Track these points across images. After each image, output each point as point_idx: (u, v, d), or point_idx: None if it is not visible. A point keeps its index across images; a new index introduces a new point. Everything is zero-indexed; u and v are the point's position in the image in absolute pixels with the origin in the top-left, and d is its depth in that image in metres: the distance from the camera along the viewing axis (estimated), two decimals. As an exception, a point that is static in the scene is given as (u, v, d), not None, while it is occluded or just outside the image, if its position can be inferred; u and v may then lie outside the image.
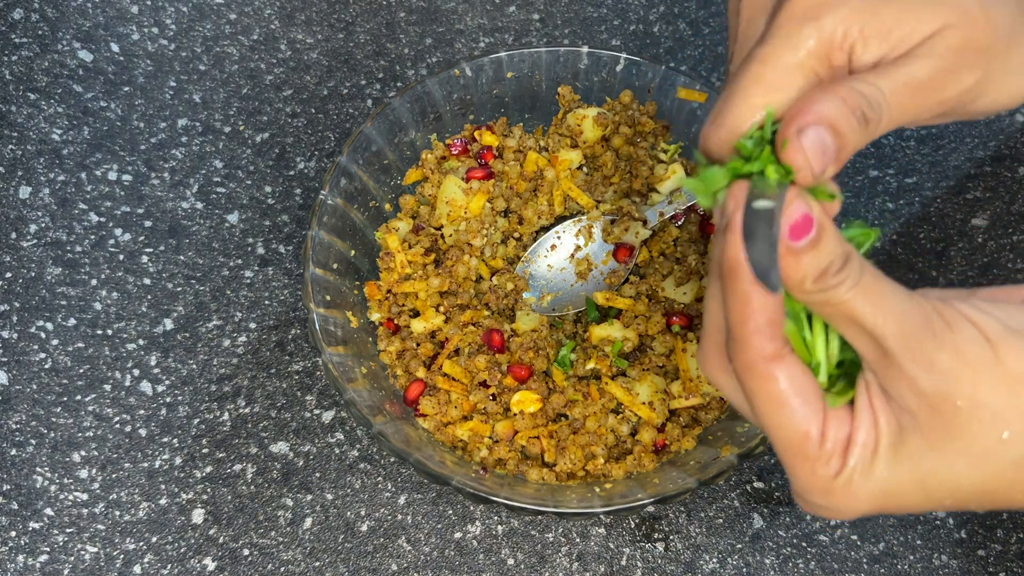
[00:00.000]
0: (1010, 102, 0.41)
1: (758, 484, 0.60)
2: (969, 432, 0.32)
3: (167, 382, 0.63)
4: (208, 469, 0.60)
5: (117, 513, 0.59)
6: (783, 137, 0.34)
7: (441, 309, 0.62)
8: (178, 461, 0.61)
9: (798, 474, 0.35)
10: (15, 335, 0.65)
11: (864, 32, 0.37)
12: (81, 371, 0.63)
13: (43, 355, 0.64)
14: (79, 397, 0.63)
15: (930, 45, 0.38)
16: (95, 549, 0.57)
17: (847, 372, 0.36)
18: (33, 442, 0.61)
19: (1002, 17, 0.39)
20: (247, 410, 0.63)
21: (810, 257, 0.33)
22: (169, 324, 0.66)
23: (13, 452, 0.60)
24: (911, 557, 0.58)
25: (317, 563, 0.57)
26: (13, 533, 0.58)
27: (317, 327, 0.55)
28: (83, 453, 0.61)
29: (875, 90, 0.36)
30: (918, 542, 0.58)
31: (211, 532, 0.58)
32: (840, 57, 0.38)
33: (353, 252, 0.63)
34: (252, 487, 0.60)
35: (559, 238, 0.65)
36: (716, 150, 0.38)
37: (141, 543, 0.58)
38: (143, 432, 0.61)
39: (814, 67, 0.37)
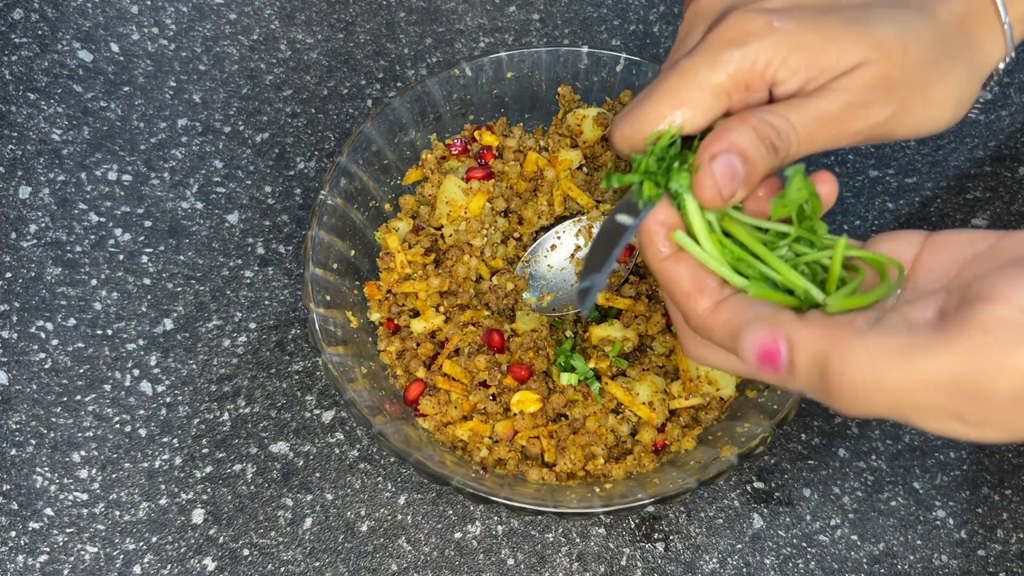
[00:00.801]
0: (930, 129, 0.43)
1: (758, 484, 0.60)
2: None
3: (167, 382, 0.63)
4: (208, 469, 0.60)
5: (117, 513, 0.59)
6: (697, 163, 0.38)
7: (441, 309, 0.62)
8: (178, 461, 0.61)
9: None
10: (15, 335, 0.65)
11: (787, 63, 0.39)
12: (81, 371, 0.63)
13: (43, 355, 0.64)
14: (79, 397, 0.63)
15: (845, 80, 0.40)
16: (95, 549, 0.57)
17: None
18: (33, 442, 0.61)
19: (920, 53, 0.41)
20: (247, 410, 0.63)
21: (799, 378, 0.34)
22: (169, 324, 0.66)
23: (13, 452, 0.60)
24: (911, 557, 0.58)
25: (317, 563, 0.57)
26: (13, 533, 0.58)
27: (317, 327, 0.55)
28: (83, 453, 0.61)
29: (784, 122, 0.39)
30: (918, 542, 0.58)
31: (211, 532, 0.58)
32: (760, 84, 0.40)
33: (353, 252, 0.63)
34: (252, 487, 0.60)
35: (559, 238, 0.65)
36: (619, 144, 0.41)
37: (141, 543, 0.58)
38: (143, 432, 0.61)
39: (728, 90, 0.39)
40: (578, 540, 0.58)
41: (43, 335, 0.65)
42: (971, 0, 0.42)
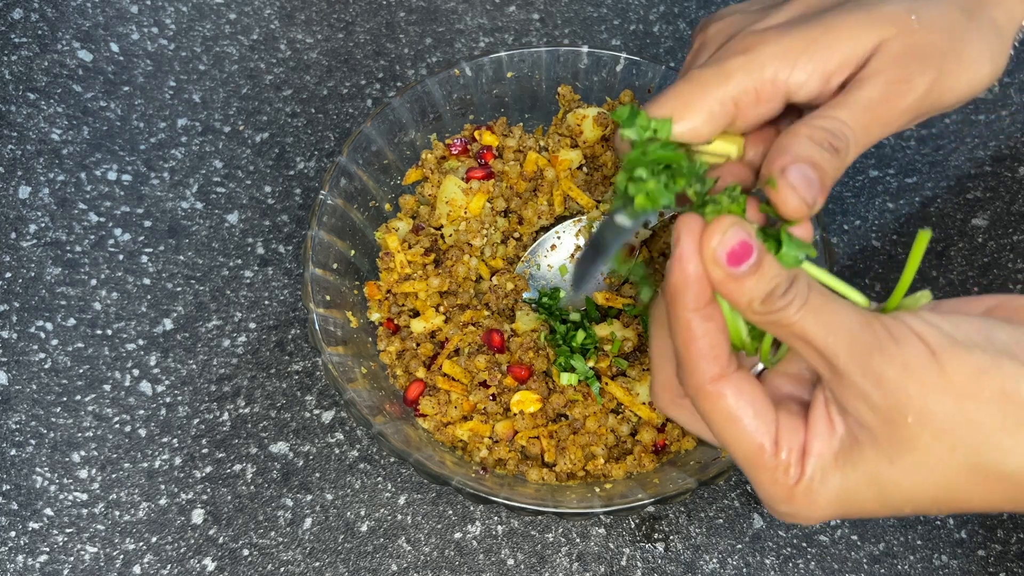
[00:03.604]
0: (974, 88, 0.43)
1: (758, 484, 0.60)
2: (921, 445, 0.33)
3: (167, 382, 0.63)
4: (208, 469, 0.60)
5: (117, 513, 0.59)
6: (766, 176, 0.36)
7: (441, 309, 0.62)
8: (178, 461, 0.61)
9: (761, 485, 0.37)
10: (15, 335, 0.65)
11: (798, 65, 0.39)
12: (81, 371, 0.63)
13: (43, 355, 0.64)
14: (79, 397, 0.62)
15: (874, 64, 0.39)
16: (95, 549, 0.57)
17: None
18: (33, 442, 0.61)
19: (937, 17, 0.40)
20: (247, 410, 0.63)
21: (753, 281, 0.34)
22: (169, 324, 0.66)
23: (13, 452, 0.60)
24: (911, 557, 0.58)
25: (317, 563, 0.57)
26: (13, 533, 0.58)
27: (317, 327, 0.55)
28: (83, 453, 0.61)
29: (836, 122, 0.38)
30: (918, 542, 0.58)
31: (211, 532, 0.58)
32: (771, 92, 0.40)
33: (353, 252, 0.63)
34: (252, 487, 0.60)
35: (559, 238, 0.65)
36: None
37: (141, 543, 0.58)
38: (143, 432, 0.61)
39: (736, 99, 0.39)
40: (578, 540, 0.58)
41: (43, 335, 0.65)
42: None
